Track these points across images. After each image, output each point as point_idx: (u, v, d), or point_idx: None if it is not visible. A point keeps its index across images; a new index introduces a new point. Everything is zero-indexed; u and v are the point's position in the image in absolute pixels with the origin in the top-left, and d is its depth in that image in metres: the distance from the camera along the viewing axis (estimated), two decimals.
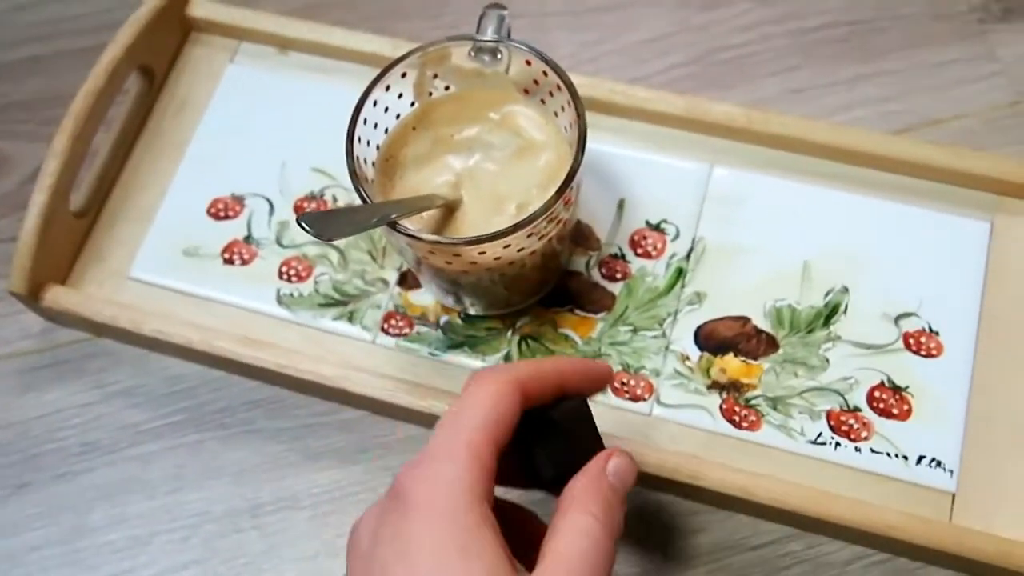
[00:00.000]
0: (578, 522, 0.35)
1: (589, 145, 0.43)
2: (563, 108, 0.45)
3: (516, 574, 0.32)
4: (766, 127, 0.52)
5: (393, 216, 0.41)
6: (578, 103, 0.43)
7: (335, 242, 0.53)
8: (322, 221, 0.38)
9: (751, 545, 0.47)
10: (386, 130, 0.47)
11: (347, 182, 0.53)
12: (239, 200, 0.55)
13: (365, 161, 0.45)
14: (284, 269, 0.53)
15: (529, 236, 0.42)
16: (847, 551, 0.46)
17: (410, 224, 0.43)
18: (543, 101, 0.47)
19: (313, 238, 0.51)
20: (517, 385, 0.36)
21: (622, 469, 0.38)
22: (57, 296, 0.52)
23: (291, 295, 0.52)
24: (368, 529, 0.35)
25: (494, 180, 0.46)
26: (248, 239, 0.54)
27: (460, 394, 0.36)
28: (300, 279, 0.52)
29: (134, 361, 0.54)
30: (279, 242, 0.53)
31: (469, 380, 0.37)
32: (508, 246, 0.42)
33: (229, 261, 0.53)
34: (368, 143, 0.45)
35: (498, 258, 0.43)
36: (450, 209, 0.45)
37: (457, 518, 0.32)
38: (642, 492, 0.48)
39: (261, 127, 0.56)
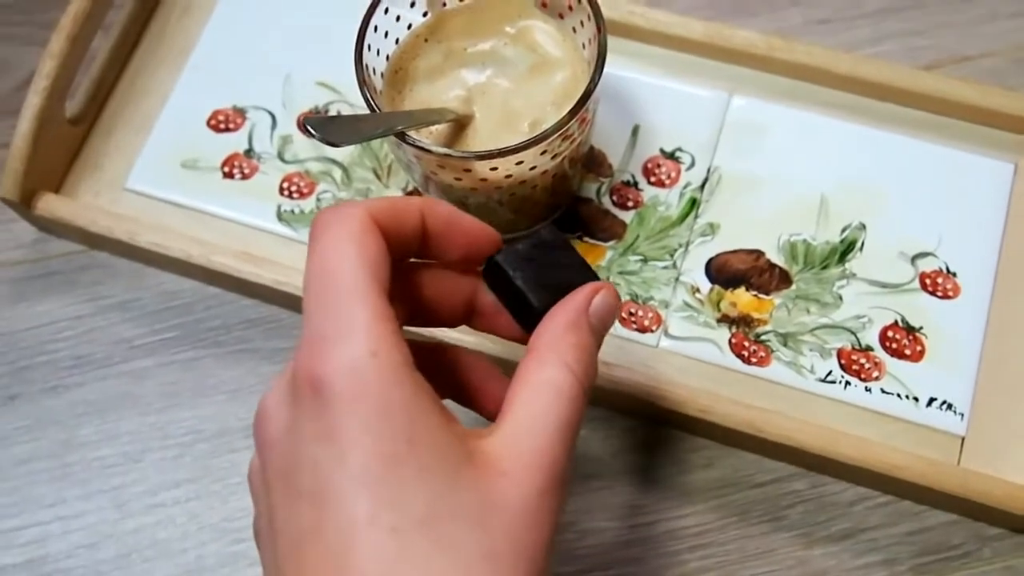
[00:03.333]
0: (550, 375, 0.31)
1: (605, 69, 0.41)
2: (582, 24, 0.43)
3: (466, 447, 0.29)
4: (789, 56, 0.50)
5: (401, 127, 0.39)
6: (599, 18, 0.42)
7: (339, 160, 0.51)
8: (328, 125, 0.36)
9: (755, 482, 0.46)
10: (397, 40, 0.45)
11: (353, 97, 0.52)
12: (241, 112, 0.53)
13: (374, 71, 0.43)
14: (285, 185, 0.51)
15: (543, 154, 0.41)
16: (851, 492, 0.46)
17: (419, 137, 0.41)
18: (561, 16, 0.45)
19: (316, 150, 0.51)
20: (371, 219, 0.30)
21: (604, 309, 0.33)
22: (50, 204, 0.50)
23: (292, 212, 0.50)
24: (280, 422, 0.30)
25: (507, 96, 0.44)
26: (249, 153, 0.52)
27: (309, 248, 0.31)
28: (302, 196, 0.51)
29: (129, 275, 0.52)
30: (281, 157, 0.52)
31: (313, 229, 0.31)
32: (520, 163, 0.40)
33: (229, 175, 0.52)
34: (378, 52, 0.43)
35: (509, 176, 0.41)
36: (460, 125, 0.43)
37: (391, 403, 0.28)
38: (644, 425, 0.47)
39: (265, 39, 0.54)
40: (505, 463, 0.29)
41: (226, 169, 0.52)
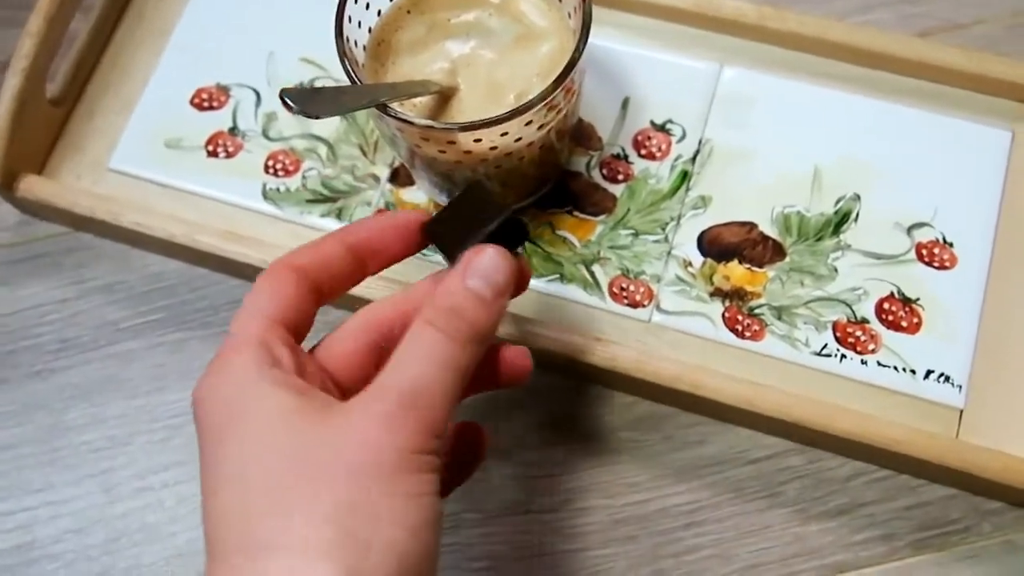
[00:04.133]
0: (412, 338, 0.31)
1: (594, 41, 0.41)
2: None
3: (322, 407, 0.31)
4: (781, 25, 0.49)
5: (384, 99, 0.39)
6: None
7: (325, 136, 0.50)
8: (307, 98, 0.35)
9: (750, 459, 0.46)
10: (379, 12, 0.44)
11: (337, 73, 0.50)
12: (224, 90, 0.52)
13: (356, 44, 0.42)
14: (270, 163, 0.50)
15: (527, 124, 0.40)
16: (848, 467, 0.45)
17: (401, 110, 0.40)
18: None
19: (301, 127, 0.51)
20: (291, 268, 0.34)
21: (485, 266, 0.33)
22: (32, 186, 0.50)
23: (277, 190, 0.50)
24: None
25: (492, 68, 0.43)
26: (233, 131, 0.51)
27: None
28: (287, 173, 0.50)
29: (114, 257, 0.52)
30: (266, 134, 0.51)
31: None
32: (505, 134, 0.39)
33: (213, 153, 0.51)
34: (359, 24, 0.43)
35: (494, 147, 0.40)
36: (445, 97, 0.43)
37: (234, 396, 0.31)
38: (638, 402, 0.47)
39: (248, 15, 0.54)
40: (350, 405, 0.30)
41: (210, 148, 0.51)
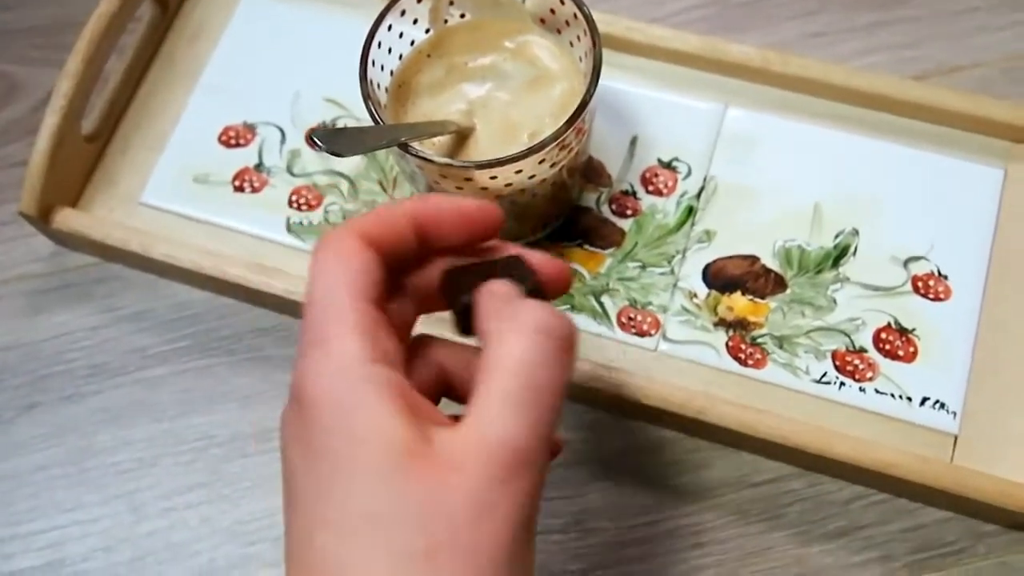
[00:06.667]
0: (508, 347, 0.30)
1: (604, 82, 0.43)
2: (579, 38, 0.45)
3: (425, 442, 0.29)
4: (783, 68, 0.51)
5: (405, 138, 0.41)
6: (594, 32, 0.43)
7: (346, 173, 0.53)
8: (334, 137, 0.38)
9: (752, 482, 0.47)
10: (400, 56, 0.46)
11: (359, 113, 0.53)
12: (251, 128, 0.55)
13: (378, 86, 0.45)
14: (294, 198, 0.53)
15: (541, 163, 0.42)
16: (848, 490, 0.47)
17: (421, 148, 0.43)
18: (559, 31, 0.46)
19: (324, 163, 0.53)
20: (360, 236, 0.32)
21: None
22: (67, 218, 0.52)
23: (301, 223, 0.52)
24: (283, 428, 0.32)
25: (507, 109, 0.45)
26: (259, 167, 0.54)
27: (308, 271, 0.33)
28: (310, 208, 0.52)
29: (143, 286, 0.54)
30: (290, 171, 0.53)
31: (312, 253, 0.33)
32: (520, 172, 0.42)
33: (240, 188, 0.53)
34: (382, 68, 0.45)
35: (509, 184, 0.43)
36: (462, 136, 0.45)
37: (341, 405, 0.29)
38: (645, 427, 0.49)
39: (274, 56, 0.56)
40: (460, 456, 0.29)
41: (237, 183, 0.53)
